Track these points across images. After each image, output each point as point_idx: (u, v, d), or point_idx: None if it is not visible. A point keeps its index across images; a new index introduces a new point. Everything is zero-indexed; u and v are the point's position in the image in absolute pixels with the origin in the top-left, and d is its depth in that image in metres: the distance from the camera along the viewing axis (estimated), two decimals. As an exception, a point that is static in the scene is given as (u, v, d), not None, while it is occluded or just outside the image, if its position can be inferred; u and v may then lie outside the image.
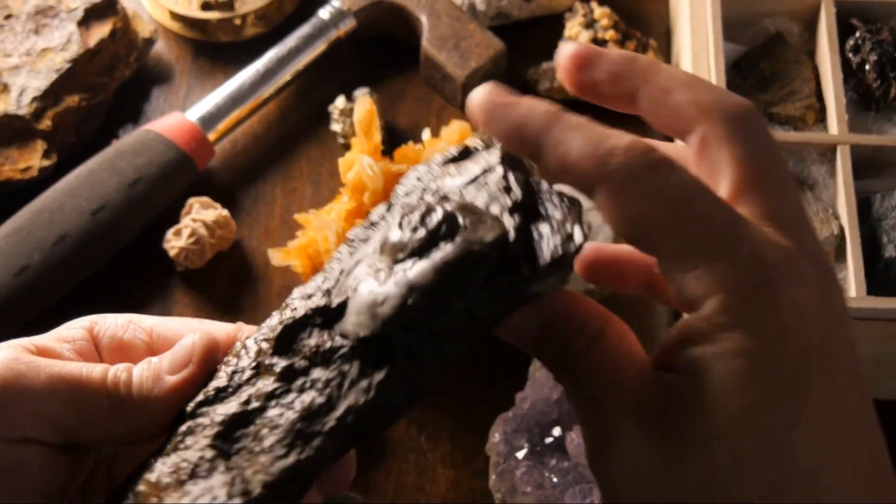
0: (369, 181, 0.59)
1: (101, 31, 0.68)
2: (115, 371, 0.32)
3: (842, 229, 0.57)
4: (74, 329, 0.34)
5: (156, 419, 0.32)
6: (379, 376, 0.28)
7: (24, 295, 0.59)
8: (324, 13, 0.71)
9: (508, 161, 0.30)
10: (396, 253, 0.29)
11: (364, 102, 0.62)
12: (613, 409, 0.27)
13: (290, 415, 0.29)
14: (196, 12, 0.71)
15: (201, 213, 0.63)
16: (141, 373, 0.32)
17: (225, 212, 0.63)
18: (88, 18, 0.68)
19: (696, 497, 0.25)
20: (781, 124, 0.62)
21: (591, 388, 0.28)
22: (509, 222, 0.29)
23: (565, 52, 0.30)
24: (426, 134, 0.66)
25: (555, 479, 0.55)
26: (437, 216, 0.29)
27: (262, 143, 0.70)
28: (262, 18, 0.73)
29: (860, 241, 0.56)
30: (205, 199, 0.64)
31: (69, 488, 0.33)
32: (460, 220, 0.28)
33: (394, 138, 0.69)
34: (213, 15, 0.71)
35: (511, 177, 0.30)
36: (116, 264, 0.63)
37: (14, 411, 0.31)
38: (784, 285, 0.26)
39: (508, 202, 0.29)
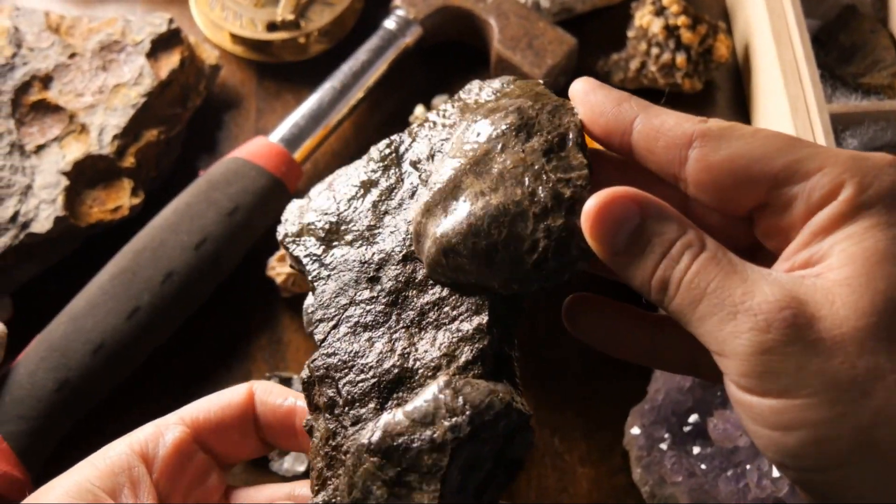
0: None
1: (171, 61, 0.67)
2: None
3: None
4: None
5: None
6: None
7: (138, 337, 0.57)
8: (390, 24, 0.70)
9: None
10: None
11: (464, 110, 0.62)
12: None
13: None
14: (262, 34, 0.70)
15: (302, 237, 0.62)
16: None
17: (324, 233, 0.63)
18: (156, 50, 0.67)
19: None
20: (876, 94, 0.62)
21: None
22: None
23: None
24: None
25: (703, 466, 0.55)
26: None
27: (343, 160, 0.69)
28: (326, 35, 0.72)
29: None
30: (302, 221, 0.63)
31: None
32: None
33: (474, 143, 0.68)
34: (279, 35, 0.70)
35: None
36: (221, 296, 0.62)
37: None
38: None
39: None
